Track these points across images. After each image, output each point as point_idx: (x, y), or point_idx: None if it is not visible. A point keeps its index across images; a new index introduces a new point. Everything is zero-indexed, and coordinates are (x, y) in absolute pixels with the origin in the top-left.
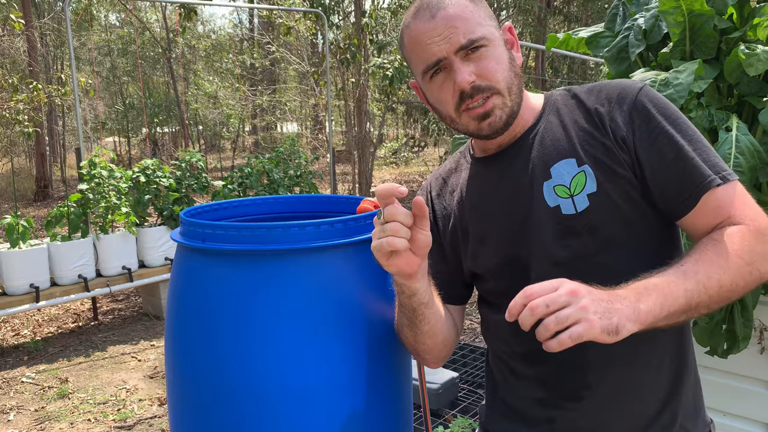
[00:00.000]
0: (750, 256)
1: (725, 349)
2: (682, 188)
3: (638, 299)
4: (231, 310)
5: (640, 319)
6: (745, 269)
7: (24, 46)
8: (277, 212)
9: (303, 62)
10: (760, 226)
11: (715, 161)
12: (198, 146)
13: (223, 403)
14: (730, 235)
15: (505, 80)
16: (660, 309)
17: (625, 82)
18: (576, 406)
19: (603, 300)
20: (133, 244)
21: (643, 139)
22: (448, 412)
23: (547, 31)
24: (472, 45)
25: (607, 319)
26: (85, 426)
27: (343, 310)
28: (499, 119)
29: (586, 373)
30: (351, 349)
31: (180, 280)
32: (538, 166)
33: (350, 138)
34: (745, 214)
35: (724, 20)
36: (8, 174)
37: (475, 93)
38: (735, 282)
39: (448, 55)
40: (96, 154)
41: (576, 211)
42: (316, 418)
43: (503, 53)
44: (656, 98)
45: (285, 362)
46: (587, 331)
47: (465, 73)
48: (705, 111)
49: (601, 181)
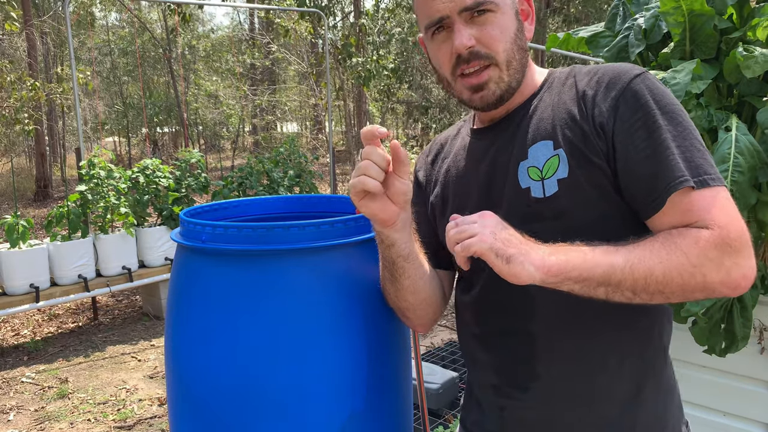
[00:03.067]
0: (699, 259)
1: (723, 348)
2: (652, 187)
3: (552, 252)
4: (231, 310)
5: (545, 267)
6: (687, 269)
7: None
8: (277, 212)
9: (303, 62)
10: (726, 235)
11: (699, 163)
12: (198, 146)
13: (222, 404)
14: (686, 233)
15: (506, 52)
16: (571, 268)
17: (624, 66)
18: (523, 397)
19: (513, 236)
20: (133, 244)
21: (623, 129)
22: (448, 412)
23: (546, 31)
24: (477, 7)
25: (503, 245)
26: (85, 426)
27: (343, 310)
28: (492, 94)
29: (534, 364)
30: (351, 349)
31: (180, 280)
32: (519, 145)
33: (350, 138)
34: (715, 220)
35: (724, 20)
36: (8, 174)
37: (472, 58)
38: (669, 276)
39: (452, 14)
40: (95, 155)
41: (544, 195)
42: (315, 418)
43: (511, 22)
44: (654, 87)
45: (285, 362)
46: (476, 244)
47: (464, 36)
48: (704, 111)
49: (573, 168)
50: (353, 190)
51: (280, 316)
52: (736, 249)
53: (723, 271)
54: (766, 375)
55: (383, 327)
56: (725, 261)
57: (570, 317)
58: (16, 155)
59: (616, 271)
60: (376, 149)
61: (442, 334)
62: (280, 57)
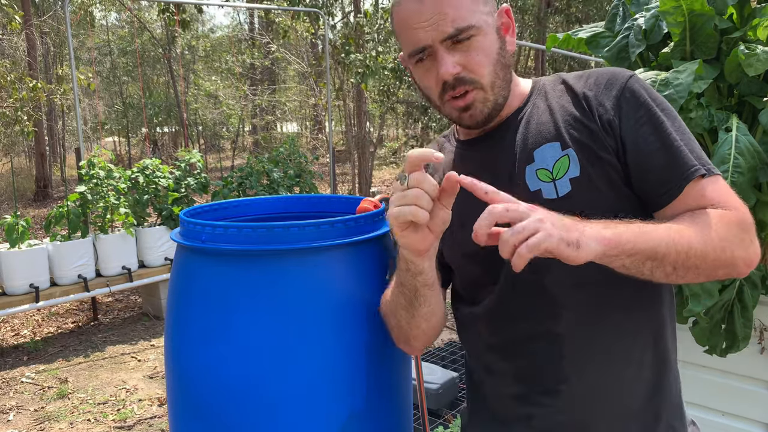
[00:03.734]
0: (726, 234)
1: (724, 348)
2: (666, 177)
3: (605, 226)
4: (231, 310)
5: (604, 241)
6: (718, 244)
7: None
8: (277, 212)
9: (303, 62)
10: (742, 216)
11: (701, 154)
12: (198, 146)
13: (223, 404)
14: (710, 213)
15: (490, 74)
16: (626, 240)
17: (615, 69)
18: (553, 402)
19: (565, 220)
20: (132, 244)
21: (630, 125)
22: (448, 412)
23: (547, 31)
24: (459, 35)
25: (567, 232)
26: (85, 426)
27: (343, 310)
28: (480, 113)
29: (562, 365)
30: (351, 349)
31: (180, 280)
32: (521, 149)
33: (350, 138)
34: (730, 202)
35: (725, 20)
36: (8, 174)
37: (457, 84)
38: (706, 251)
39: (434, 43)
40: (95, 155)
41: (557, 195)
42: (315, 418)
43: (493, 43)
44: (647, 87)
45: (285, 362)
46: (545, 240)
47: (449, 64)
48: (705, 111)
49: (585, 166)
50: (398, 220)
51: (280, 316)
52: (749, 229)
53: (743, 247)
54: (766, 375)
55: (383, 326)
56: (745, 238)
57: (593, 315)
58: (16, 155)
59: (661, 244)
60: (427, 177)
61: (443, 334)
62: (279, 57)
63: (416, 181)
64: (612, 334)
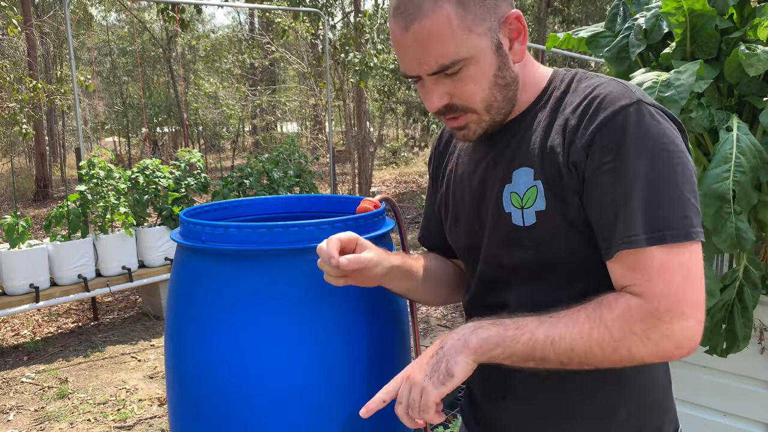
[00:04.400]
0: (622, 333)
1: (724, 348)
2: (607, 236)
3: (474, 332)
4: (231, 310)
5: (470, 349)
6: (609, 344)
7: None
8: (277, 212)
9: (302, 62)
10: (656, 308)
11: (666, 215)
12: (198, 146)
13: (222, 404)
14: (615, 304)
15: (484, 100)
16: (493, 346)
17: (618, 92)
18: (502, 404)
19: (429, 356)
20: (132, 244)
21: (592, 168)
22: (448, 412)
23: (547, 31)
24: (445, 70)
25: (434, 371)
26: (85, 426)
27: (343, 310)
28: (473, 133)
29: (507, 379)
30: (351, 349)
31: (180, 280)
32: (506, 164)
33: (350, 138)
34: (652, 290)
35: (725, 20)
36: (8, 174)
37: (448, 112)
38: (591, 352)
39: (422, 75)
40: (95, 155)
41: (524, 224)
42: (316, 418)
43: (489, 65)
44: (640, 123)
45: (285, 362)
46: (426, 397)
47: (435, 98)
48: (705, 111)
49: (550, 201)
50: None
51: (280, 315)
52: (666, 322)
53: (650, 344)
54: (766, 375)
55: (383, 327)
56: (652, 335)
57: None
58: (16, 155)
59: (536, 347)
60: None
61: (442, 334)
62: (279, 57)
63: (320, 258)
64: None
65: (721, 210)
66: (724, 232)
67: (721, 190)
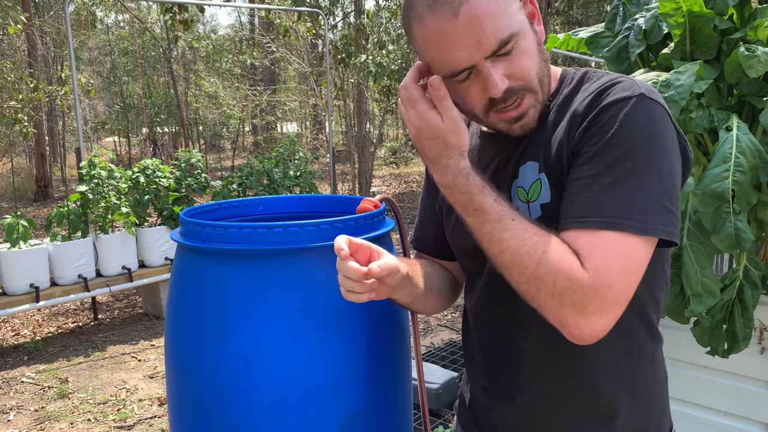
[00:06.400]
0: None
1: (726, 349)
2: (564, 210)
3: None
4: (231, 310)
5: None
6: (529, 273)
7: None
8: (277, 212)
9: (303, 62)
10: (589, 279)
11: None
12: (198, 146)
13: (223, 404)
14: (565, 251)
15: (538, 74)
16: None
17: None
18: (509, 404)
19: None
20: (133, 244)
21: (580, 149)
22: (448, 412)
23: (547, 32)
24: (503, 48)
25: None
26: (85, 426)
27: (343, 310)
28: (532, 119)
29: (518, 378)
30: (351, 349)
31: (180, 280)
32: (515, 159)
33: (350, 138)
34: (594, 262)
35: (725, 21)
36: (8, 174)
37: (508, 97)
38: (513, 265)
39: (478, 62)
40: (95, 155)
41: (530, 218)
42: (316, 418)
43: (532, 40)
44: (634, 116)
45: (285, 362)
46: None
47: (498, 80)
48: (705, 111)
49: (555, 194)
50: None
51: (280, 315)
52: (586, 297)
53: (557, 302)
54: (766, 375)
55: (383, 327)
56: (566, 297)
57: (560, 338)
58: (16, 155)
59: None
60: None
61: (442, 334)
62: (279, 57)
63: (339, 270)
64: (571, 361)
65: (720, 210)
66: (723, 231)
67: (721, 190)
